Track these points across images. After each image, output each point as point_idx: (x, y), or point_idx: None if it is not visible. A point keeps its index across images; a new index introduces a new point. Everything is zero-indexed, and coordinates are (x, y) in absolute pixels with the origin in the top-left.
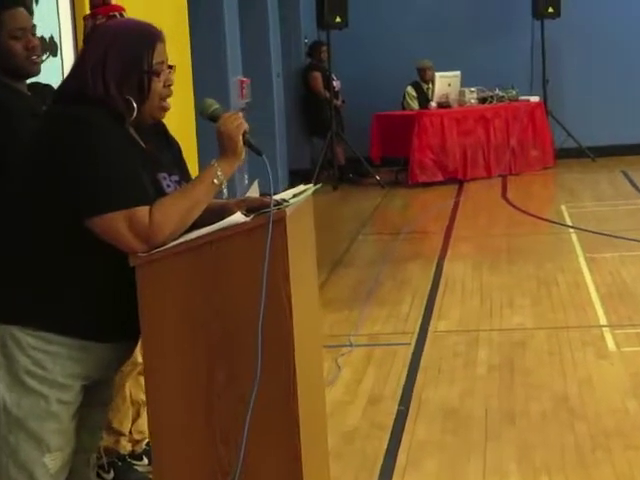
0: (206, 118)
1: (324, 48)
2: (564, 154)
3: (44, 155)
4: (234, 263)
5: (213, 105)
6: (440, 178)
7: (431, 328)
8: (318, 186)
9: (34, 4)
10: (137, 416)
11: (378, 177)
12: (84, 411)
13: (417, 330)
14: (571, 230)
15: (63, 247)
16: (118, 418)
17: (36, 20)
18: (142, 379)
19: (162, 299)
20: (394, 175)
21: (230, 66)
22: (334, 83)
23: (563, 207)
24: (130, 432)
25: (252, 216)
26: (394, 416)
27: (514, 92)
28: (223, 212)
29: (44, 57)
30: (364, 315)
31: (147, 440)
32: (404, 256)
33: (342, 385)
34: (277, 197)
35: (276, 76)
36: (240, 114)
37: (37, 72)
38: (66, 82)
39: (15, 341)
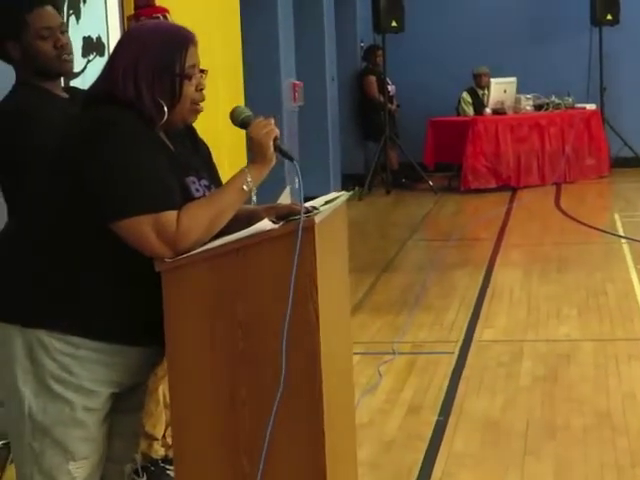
0: (237, 125)
1: (380, 52)
2: (620, 163)
3: (73, 157)
4: (260, 271)
5: (244, 112)
6: (493, 185)
7: (476, 337)
8: (350, 193)
9: (82, 4)
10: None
11: (431, 182)
12: (115, 418)
13: (461, 339)
14: (623, 240)
15: (92, 250)
16: (151, 422)
17: (83, 20)
18: None
19: (186, 306)
20: (447, 181)
21: (283, 69)
22: (389, 87)
23: (617, 216)
24: (164, 436)
25: (280, 223)
26: (433, 426)
27: (570, 100)
28: (251, 219)
29: (91, 56)
30: (409, 322)
31: None
32: (453, 263)
33: (382, 393)
34: (307, 204)
35: (330, 80)
36: (272, 120)
37: (69, 71)
38: (96, 84)
39: (42, 345)
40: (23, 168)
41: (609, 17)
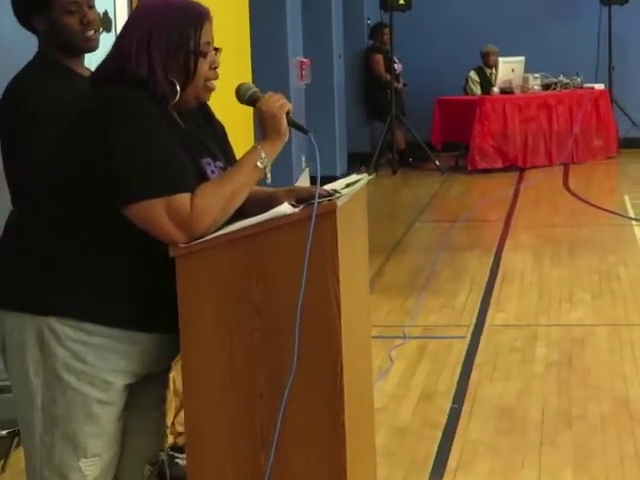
0: (245, 102)
1: (386, 30)
2: (628, 143)
3: (81, 138)
4: (279, 257)
5: (251, 88)
6: (500, 165)
7: (488, 321)
8: (372, 176)
9: None
10: (180, 407)
11: (438, 162)
12: (133, 413)
13: (473, 323)
14: (634, 222)
15: (105, 234)
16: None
17: None
18: None
19: (201, 293)
20: (454, 161)
21: (290, 46)
22: (395, 66)
23: (627, 198)
24: (172, 424)
25: (300, 207)
26: (447, 414)
27: (579, 79)
28: (270, 202)
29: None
30: (419, 305)
31: None
32: (462, 245)
33: (395, 379)
34: (328, 187)
35: (337, 57)
36: (282, 95)
37: (93, 48)
38: (107, 61)
39: (53, 333)
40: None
41: None
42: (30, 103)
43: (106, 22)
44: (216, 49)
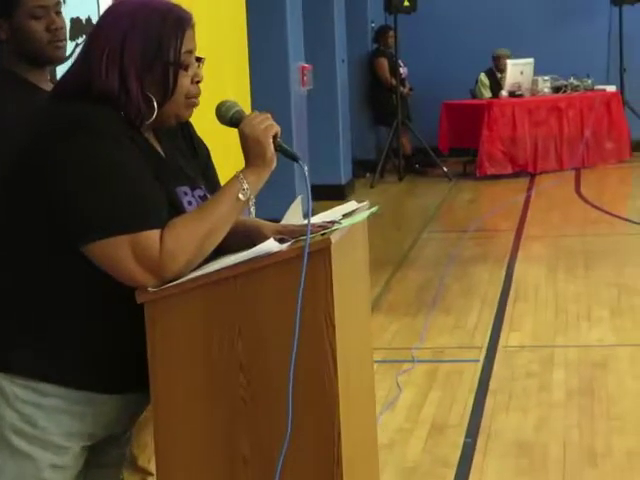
0: (226, 123)
1: (391, 33)
2: None
3: (34, 164)
4: (265, 302)
5: (234, 107)
6: (509, 171)
7: (501, 342)
8: (374, 209)
9: None
10: None
11: (445, 168)
12: (90, 473)
13: (486, 344)
14: None
15: (60, 274)
16: (145, 455)
17: None
18: None
19: (175, 345)
20: (462, 166)
21: (291, 52)
22: (401, 70)
23: None
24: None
25: (289, 243)
26: (460, 450)
27: (589, 81)
28: (254, 235)
29: (79, 40)
30: (428, 324)
31: None
32: (472, 257)
33: (403, 409)
34: (322, 217)
35: (340, 62)
36: (268, 115)
37: (61, 58)
38: (72, 71)
39: (1, 394)
40: None
41: None
42: None
43: (89, 29)
44: (198, 59)
